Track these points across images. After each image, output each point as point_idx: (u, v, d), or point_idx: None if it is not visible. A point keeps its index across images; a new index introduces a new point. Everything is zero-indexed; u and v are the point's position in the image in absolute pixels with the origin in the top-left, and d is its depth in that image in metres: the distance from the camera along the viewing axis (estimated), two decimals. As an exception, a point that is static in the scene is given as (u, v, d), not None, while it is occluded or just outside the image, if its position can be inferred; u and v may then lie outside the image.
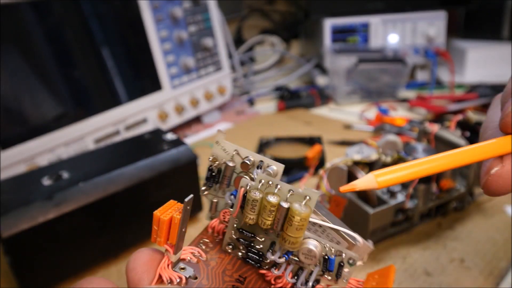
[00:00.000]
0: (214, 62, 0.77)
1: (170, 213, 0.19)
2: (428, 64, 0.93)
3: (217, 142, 0.21)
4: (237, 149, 0.21)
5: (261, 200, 0.19)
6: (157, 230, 0.19)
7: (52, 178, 0.39)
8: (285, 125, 0.76)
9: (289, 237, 0.19)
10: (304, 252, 0.20)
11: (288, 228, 0.19)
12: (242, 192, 0.20)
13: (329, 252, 0.20)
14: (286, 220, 0.19)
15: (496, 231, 0.43)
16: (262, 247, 0.21)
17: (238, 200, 0.20)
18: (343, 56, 0.84)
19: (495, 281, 0.37)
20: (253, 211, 0.20)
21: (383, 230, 0.41)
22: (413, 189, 0.40)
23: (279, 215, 0.19)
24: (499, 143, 0.21)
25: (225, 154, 0.21)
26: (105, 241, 0.40)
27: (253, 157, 0.21)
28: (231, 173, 0.21)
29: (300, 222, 0.19)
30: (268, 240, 0.21)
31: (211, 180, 0.22)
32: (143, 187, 0.41)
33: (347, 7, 0.95)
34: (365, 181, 0.19)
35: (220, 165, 0.21)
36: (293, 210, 0.19)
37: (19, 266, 0.35)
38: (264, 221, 0.19)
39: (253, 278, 0.22)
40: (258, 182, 0.19)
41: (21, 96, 0.53)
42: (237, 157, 0.21)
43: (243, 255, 0.22)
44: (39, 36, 0.54)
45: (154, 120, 0.67)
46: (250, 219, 0.20)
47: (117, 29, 0.64)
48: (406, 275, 0.38)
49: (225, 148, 0.21)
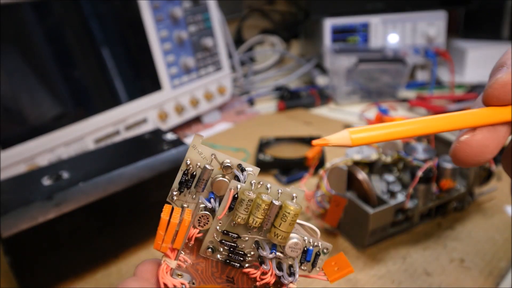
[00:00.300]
0: (214, 62, 0.77)
1: (176, 216, 0.19)
2: (428, 64, 0.93)
3: (193, 146, 0.21)
4: (214, 153, 0.21)
5: (255, 200, 0.20)
6: (163, 235, 0.19)
7: (52, 178, 0.39)
8: (285, 125, 0.76)
9: (281, 233, 0.20)
10: (291, 246, 0.21)
11: (282, 224, 0.20)
12: (232, 194, 0.20)
13: (308, 244, 0.22)
14: (279, 217, 0.20)
15: (496, 231, 0.43)
16: (244, 247, 0.22)
17: (227, 202, 0.20)
18: (343, 56, 0.84)
19: (495, 281, 0.37)
20: (246, 211, 0.20)
21: (383, 230, 0.41)
22: (413, 189, 0.40)
23: (270, 212, 0.20)
24: (478, 113, 0.20)
25: (201, 158, 0.21)
26: (105, 241, 0.40)
27: (231, 161, 0.21)
28: (208, 177, 0.21)
29: (294, 217, 0.20)
30: (251, 240, 0.22)
31: (184, 185, 0.21)
32: (143, 187, 0.41)
33: (347, 7, 0.94)
34: (339, 136, 0.19)
35: (194, 170, 0.21)
36: (288, 207, 0.20)
37: (19, 266, 0.35)
38: (256, 220, 0.20)
39: (239, 277, 0.23)
40: (250, 183, 0.20)
41: (21, 96, 0.53)
42: (214, 161, 0.21)
43: (224, 257, 0.22)
44: (39, 36, 0.54)
45: (154, 120, 0.67)
46: (241, 219, 0.20)
47: (117, 29, 0.64)
48: (406, 275, 0.38)
49: (202, 152, 0.21)
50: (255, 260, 0.22)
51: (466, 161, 0.20)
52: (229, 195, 0.20)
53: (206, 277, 0.22)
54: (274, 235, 0.21)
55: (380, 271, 0.39)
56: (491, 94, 0.20)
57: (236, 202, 0.20)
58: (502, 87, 0.19)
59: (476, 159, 0.20)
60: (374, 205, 0.40)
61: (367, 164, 0.43)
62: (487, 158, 0.20)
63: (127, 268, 0.41)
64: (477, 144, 0.20)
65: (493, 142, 0.20)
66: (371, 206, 0.39)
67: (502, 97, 0.20)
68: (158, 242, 0.19)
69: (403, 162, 0.43)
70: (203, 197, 0.21)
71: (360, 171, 0.41)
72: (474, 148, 0.20)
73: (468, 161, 0.20)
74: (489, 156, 0.20)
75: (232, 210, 0.21)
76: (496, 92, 0.20)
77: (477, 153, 0.20)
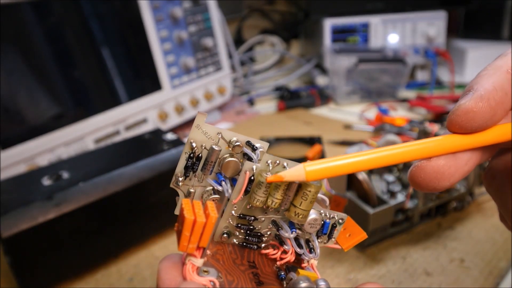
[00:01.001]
0: (214, 62, 0.77)
1: (201, 214, 0.18)
2: (428, 64, 0.92)
3: (197, 126, 0.19)
4: (221, 132, 0.20)
5: None
6: (189, 236, 0.17)
7: (52, 178, 0.39)
8: (285, 125, 0.76)
9: (302, 211, 0.20)
10: (310, 222, 0.21)
11: (303, 203, 0.20)
12: (248, 176, 0.19)
13: (325, 217, 0.22)
14: (299, 196, 0.19)
15: (496, 231, 0.43)
16: (260, 227, 0.21)
17: (243, 185, 0.19)
18: (343, 56, 0.84)
19: (495, 281, 0.37)
20: (265, 194, 0.19)
21: (383, 230, 0.41)
22: (413, 189, 0.40)
23: (289, 192, 0.19)
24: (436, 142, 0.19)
25: (206, 139, 0.20)
26: (105, 241, 0.40)
27: (239, 138, 0.20)
28: (216, 158, 0.20)
29: (314, 195, 0.19)
30: (267, 220, 0.21)
31: (190, 169, 0.20)
32: (143, 187, 0.41)
33: (347, 7, 0.94)
34: (294, 171, 0.18)
35: (199, 151, 0.20)
36: (308, 185, 0.19)
37: (19, 266, 0.35)
38: (275, 201, 0.19)
39: (259, 260, 0.22)
40: (266, 163, 0.19)
41: (21, 96, 0.53)
42: (220, 141, 0.20)
43: (240, 241, 0.21)
44: (39, 36, 0.54)
45: (154, 120, 0.67)
46: (260, 202, 0.19)
47: (117, 29, 0.64)
48: (406, 275, 0.38)
49: (207, 132, 0.20)
50: (272, 239, 0.22)
51: (422, 186, 0.20)
52: (245, 177, 0.19)
53: (229, 266, 0.21)
54: (294, 214, 0.20)
55: (380, 271, 0.39)
56: (454, 121, 0.19)
57: (252, 185, 0.19)
58: (465, 114, 0.19)
59: (431, 185, 0.19)
60: (374, 205, 0.40)
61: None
62: (443, 185, 0.19)
63: (127, 268, 0.41)
64: (431, 170, 0.19)
65: (450, 170, 0.19)
66: (371, 206, 0.39)
67: (464, 124, 0.19)
68: (184, 244, 0.18)
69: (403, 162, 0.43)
70: (212, 180, 0.20)
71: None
72: (428, 174, 0.19)
73: (423, 187, 0.19)
74: (446, 184, 0.19)
75: (248, 193, 0.20)
76: (459, 119, 0.19)
77: (432, 180, 0.19)
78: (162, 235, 0.45)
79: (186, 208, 0.18)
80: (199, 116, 0.19)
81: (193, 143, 0.20)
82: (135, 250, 0.43)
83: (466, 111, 0.18)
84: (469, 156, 0.20)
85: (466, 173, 0.20)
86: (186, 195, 0.21)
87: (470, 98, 0.19)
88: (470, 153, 0.20)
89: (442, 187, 0.19)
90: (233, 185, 0.20)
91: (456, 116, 0.19)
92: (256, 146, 0.20)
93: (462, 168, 0.19)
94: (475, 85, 0.19)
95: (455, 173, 0.19)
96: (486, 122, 0.19)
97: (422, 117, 0.76)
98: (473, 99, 0.18)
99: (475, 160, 0.20)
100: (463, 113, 0.19)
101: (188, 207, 0.18)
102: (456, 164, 0.19)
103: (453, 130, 0.19)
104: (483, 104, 0.18)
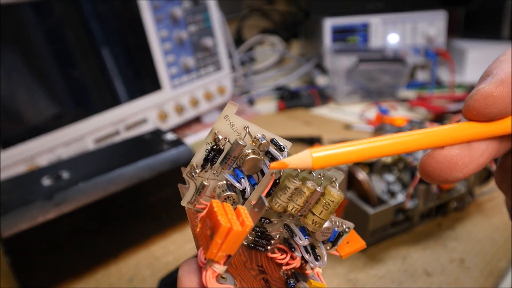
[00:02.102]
0: (214, 62, 0.77)
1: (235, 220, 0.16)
2: (428, 64, 0.92)
3: (225, 116, 0.18)
4: (248, 126, 0.18)
5: (300, 187, 0.19)
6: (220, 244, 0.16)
7: (52, 178, 0.39)
8: (285, 125, 0.76)
9: (320, 220, 0.19)
10: (323, 231, 0.20)
11: (323, 212, 0.19)
12: (273, 179, 0.18)
13: (335, 225, 0.21)
14: (320, 204, 0.19)
15: (496, 231, 0.43)
16: (271, 230, 0.21)
17: (266, 187, 0.18)
18: (343, 56, 0.84)
19: (495, 281, 0.37)
20: (289, 199, 0.19)
21: (383, 230, 0.41)
22: (413, 189, 0.40)
23: (311, 199, 0.19)
24: (451, 130, 0.18)
25: (232, 131, 0.18)
26: (105, 241, 0.40)
27: (266, 135, 0.19)
28: (239, 153, 0.19)
29: (336, 205, 0.19)
30: (280, 223, 0.21)
31: (210, 161, 0.19)
32: (143, 187, 0.41)
33: (347, 7, 0.94)
34: (299, 157, 0.17)
35: (222, 144, 0.19)
36: (331, 195, 0.19)
37: (19, 266, 0.35)
38: (296, 207, 0.19)
39: (266, 264, 0.21)
40: (293, 169, 0.18)
41: (21, 96, 0.53)
42: (245, 134, 0.19)
43: (249, 242, 0.21)
44: (39, 36, 0.54)
45: (154, 120, 0.67)
46: (281, 207, 0.19)
47: (117, 29, 0.64)
48: (406, 275, 0.38)
49: (234, 124, 0.18)
50: (280, 243, 0.21)
51: (432, 177, 0.18)
52: (270, 180, 0.18)
53: (242, 271, 0.20)
54: (312, 222, 0.19)
55: (380, 271, 0.39)
56: (471, 107, 0.18)
57: (276, 188, 0.18)
58: (484, 99, 0.17)
59: (442, 175, 0.18)
60: (374, 205, 0.40)
61: (367, 164, 0.43)
62: (455, 176, 0.18)
63: (127, 268, 0.41)
64: (444, 159, 0.18)
65: (464, 160, 0.18)
66: (371, 206, 0.39)
67: (483, 110, 0.17)
68: (213, 251, 0.16)
69: (404, 162, 0.43)
70: (230, 175, 0.19)
71: (361, 171, 0.41)
72: (440, 163, 0.18)
73: (434, 177, 0.18)
74: (458, 175, 0.18)
75: (270, 196, 0.19)
76: (477, 104, 0.17)
77: (444, 170, 0.18)
78: (162, 235, 0.45)
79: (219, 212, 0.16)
80: (229, 106, 0.18)
81: (218, 134, 0.18)
82: (135, 250, 0.43)
83: (485, 96, 0.17)
84: (485, 146, 0.18)
85: (482, 165, 0.18)
86: (198, 188, 0.20)
87: (489, 82, 0.17)
88: (487, 143, 0.18)
89: (454, 178, 0.18)
90: (250, 184, 0.20)
91: (474, 101, 0.18)
92: (282, 146, 0.19)
93: (477, 159, 0.18)
94: (495, 70, 0.18)
95: (469, 164, 0.18)
96: (506, 108, 0.17)
97: (422, 117, 0.76)
98: (493, 83, 0.17)
99: (491, 151, 0.19)
100: (482, 98, 0.17)
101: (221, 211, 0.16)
102: (471, 155, 0.18)
103: (469, 117, 0.18)
104: (504, 89, 0.17)
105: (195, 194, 0.20)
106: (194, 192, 0.20)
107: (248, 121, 0.19)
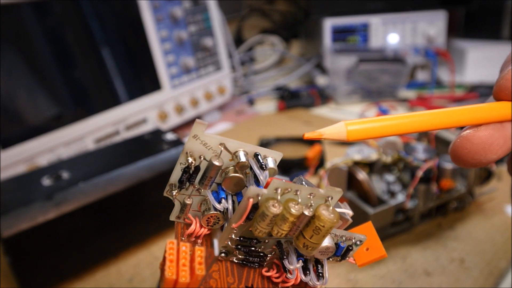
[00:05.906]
0: (214, 62, 0.77)
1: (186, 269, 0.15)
2: (428, 64, 0.92)
3: (194, 136, 0.17)
4: (224, 142, 0.17)
5: (281, 213, 0.17)
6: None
7: (52, 178, 0.39)
8: (285, 125, 0.76)
9: (312, 244, 0.17)
10: (321, 250, 0.19)
11: (314, 237, 0.17)
12: (251, 204, 0.16)
13: (340, 239, 0.20)
14: (311, 228, 0.17)
15: (496, 231, 0.43)
16: (264, 248, 0.19)
17: (245, 212, 0.17)
18: (343, 56, 0.84)
19: (495, 281, 0.37)
20: (269, 226, 0.17)
21: (383, 230, 0.41)
22: (413, 189, 0.40)
23: (299, 222, 0.17)
24: (484, 108, 0.18)
25: (206, 150, 0.17)
26: (105, 241, 0.40)
27: (246, 150, 0.17)
28: (216, 174, 0.17)
29: (328, 230, 0.17)
30: (272, 241, 0.19)
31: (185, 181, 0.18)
32: (143, 187, 0.41)
33: (347, 7, 0.94)
34: (334, 128, 0.17)
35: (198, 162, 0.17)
36: (322, 219, 0.17)
37: (19, 266, 0.35)
38: (281, 232, 0.17)
39: (259, 283, 0.20)
40: (273, 191, 0.16)
41: (21, 96, 0.53)
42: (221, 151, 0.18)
43: (240, 260, 0.20)
44: (39, 36, 0.54)
45: (154, 120, 0.67)
46: (262, 233, 0.17)
47: (117, 29, 0.64)
48: (406, 275, 0.38)
49: (207, 143, 0.17)
50: (276, 258, 0.20)
51: (466, 160, 0.18)
52: (248, 205, 0.16)
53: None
54: (303, 246, 0.17)
55: (380, 271, 0.39)
56: (503, 86, 0.17)
57: (256, 214, 0.17)
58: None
59: (477, 158, 0.17)
60: (374, 205, 0.40)
61: (367, 164, 0.43)
62: (489, 158, 0.18)
63: (126, 268, 0.41)
64: (479, 140, 0.17)
65: (498, 141, 0.17)
66: (371, 206, 0.39)
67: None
68: None
69: (404, 162, 0.43)
70: (211, 194, 0.18)
71: (361, 171, 0.41)
72: (475, 145, 0.17)
73: (468, 160, 0.18)
74: (493, 157, 0.18)
75: (251, 220, 0.17)
76: (509, 84, 0.17)
77: (479, 151, 0.17)
78: (162, 235, 0.45)
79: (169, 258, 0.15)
80: (196, 125, 0.17)
81: (188, 155, 0.17)
82: (135, 250, 0.43)
83: None
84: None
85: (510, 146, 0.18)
86: (182, 205, 0.19)
87: None
88: None
89: (488, 160, 0.18)
90: (237, 201, 0.18)
91: (506, 81, 0.17)
92: (264, 165, 0.17)
93: (510, 141, 0.18)
94: None
95: (503, 145, 0.18)
96: None
97: (422, 117, 0.76)
98: None
99: None
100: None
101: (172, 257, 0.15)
102: (505, 135, 0.17)
103: (500, 97, 0.18)
104: None
105: (179, 212, 0.19)
106: (179, 209, 0.19)
107: (225, 137, 0.17)
